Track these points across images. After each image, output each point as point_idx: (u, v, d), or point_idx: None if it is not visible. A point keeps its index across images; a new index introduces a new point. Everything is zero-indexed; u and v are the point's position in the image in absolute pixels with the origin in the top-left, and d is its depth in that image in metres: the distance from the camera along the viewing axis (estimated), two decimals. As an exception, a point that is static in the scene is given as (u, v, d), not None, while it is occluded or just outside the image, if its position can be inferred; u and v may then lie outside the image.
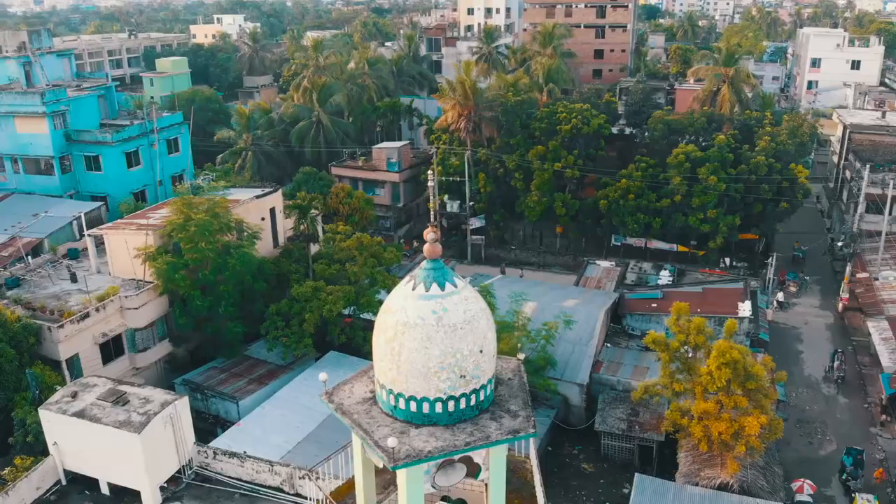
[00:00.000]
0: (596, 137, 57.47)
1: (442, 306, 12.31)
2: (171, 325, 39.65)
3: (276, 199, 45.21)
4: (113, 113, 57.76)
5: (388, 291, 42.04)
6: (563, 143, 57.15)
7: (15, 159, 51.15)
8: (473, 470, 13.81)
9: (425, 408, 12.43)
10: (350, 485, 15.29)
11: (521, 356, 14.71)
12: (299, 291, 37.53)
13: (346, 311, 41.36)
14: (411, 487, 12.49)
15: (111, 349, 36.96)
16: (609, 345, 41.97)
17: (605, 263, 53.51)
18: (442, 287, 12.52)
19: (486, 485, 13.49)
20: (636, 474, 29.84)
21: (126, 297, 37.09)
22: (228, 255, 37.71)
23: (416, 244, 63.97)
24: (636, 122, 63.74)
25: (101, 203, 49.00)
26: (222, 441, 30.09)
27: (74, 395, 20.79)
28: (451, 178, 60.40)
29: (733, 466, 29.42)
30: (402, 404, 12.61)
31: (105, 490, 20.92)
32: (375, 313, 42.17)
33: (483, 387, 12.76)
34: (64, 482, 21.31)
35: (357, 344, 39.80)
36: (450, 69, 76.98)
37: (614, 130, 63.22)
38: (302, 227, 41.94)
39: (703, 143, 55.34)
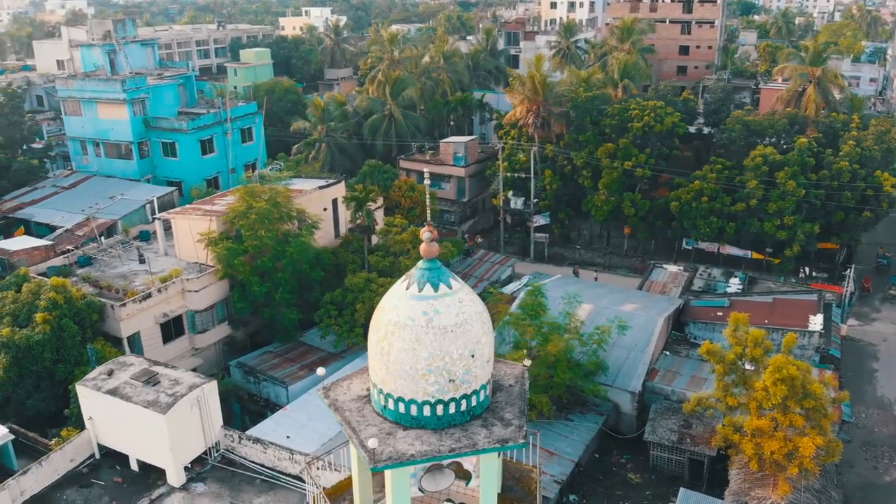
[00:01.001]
0: (669, 136, 55.49)
1: (433, 308, 12.00)
2: (230, 308, 40.70)
3: (339, 191, 45.73)
4: (192, 101, 59.86)
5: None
6: (634, 140, 55.49)
7: (97, 143, 53.73)
8: (468, 475, 13.46)
9: (413, 410, 12.17)
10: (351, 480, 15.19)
11: (527, 362, 14.21)
12: (352, 282, 37.88)
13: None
14: (397, 489, 12.26)
15: (171, 329, 38.25)
16: (668, 353, 40.46)
17: (672, 268, 51.62)
18: (435, 288, 12.21)
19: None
20: (681, 489, 28.66)
21: (188, 279, 38.30)
22: (287, 244, 38.45)
23: (479, 239, 63.67)
24: (714, 121, 61.19)
25: (174, 188, 50.88)
26: (268, 424, 30.66)
27: (110, 373, 21.60)
28: (516, 175, 59.63)
29: (785, 488, 27.77)
30: (391, 405, 12.40)
31: (134, 466, 21.70)
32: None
33: (475, 392, 12.37)
34: (98, 456, 22.24)
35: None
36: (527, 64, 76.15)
37: (691, 129, 60.94)
38: (358, 219, 42.24)
39: (784, 146, 52.53)
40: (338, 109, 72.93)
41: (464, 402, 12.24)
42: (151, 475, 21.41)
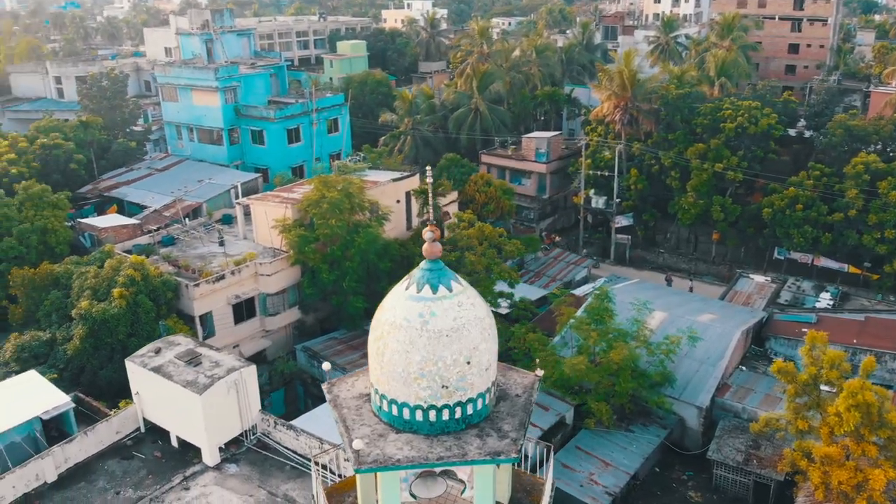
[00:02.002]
0: (765, 138, 52.45)
1: (430, 310, 11.64)
2: (301, 294, 41.60)
3: (412, 184, 45.82)
4: (283, 91, 61.58)
5: (509, 284, 41.14)
6: (727, 142, 52.81)
7: (191, 129, 56.16)
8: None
9: (405, 413, 11.88)
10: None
11: (540, 372, 13.61)
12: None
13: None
14: (386, 492, 12.05)
15: (243, 310, 39.44)
16: (743, 368, 38.34)
17: (759, 278, 48.88)
18: (434, 290, 11.84)
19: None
20: (741, 513, 27.08)
21: (261, 263, 39.39)
22: (356, 234, 38.91)
23: (557, 238, 62.46)
24: (817, 124, 57.40)
25: (259, 175, 52.51)
26: (321, 410, 31.09)
27: (158, 351, 22.45)
28: (599, 173, 58.03)
29: (854, 523, 25.72)
30: (385, 406, 12.16)
31: (174, 443, 22.48)
32: (493, 303, 41.60)
33: (471, 400, 11.92)
34: (143, 430, 23.17)
35: (470, 333, 39.63)
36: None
37: (791, 132, 57.41)
38: (425, 212, 42.15)
39: (890, 154, 48.60)
40: (425, 102, 73.30)
41: (458, 410, 11.82)
42: (189, 453, 22.09)
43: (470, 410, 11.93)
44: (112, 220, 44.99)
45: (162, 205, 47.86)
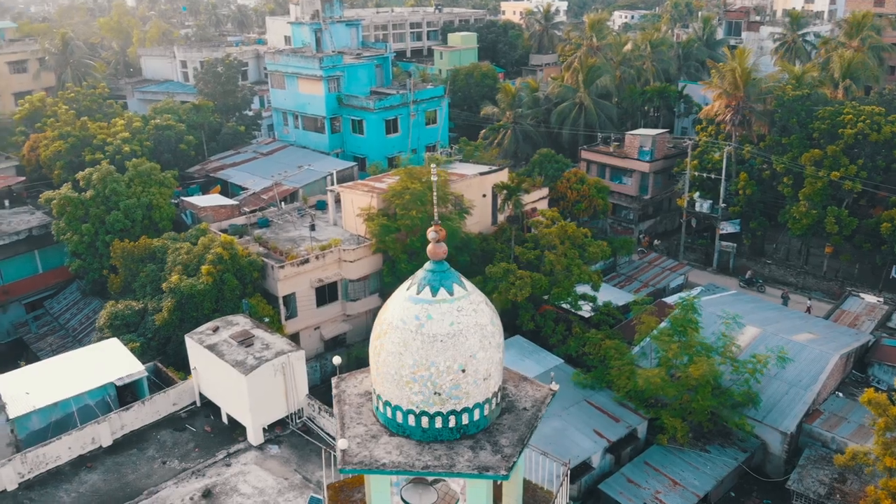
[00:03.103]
0: (888, 146, 48.07)
1: (427, 313, 11.28)
2: (382, 282, 42.14)
3: (500, 178, 45.29)
4: (387, 81, 62.42)
5: (592, 287, 39.89)
6: (845, 149, 48.81)
7: (296, 116, 57.98)
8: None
9: (398, 417, 11.61)
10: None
11: (555, 387, 12.94)
12: (491, 271, 37.48)
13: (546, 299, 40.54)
14: (376, 493, 11.83)
15: (326, 294, 40.45)
16: (840, 394, 35.38)
17: (870, 298, 44.95)
18: (434, 292, 11.46)
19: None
20: (813, 552, 25.02)
21: (344, 249, 40.19)
22: (436, 226, 38.86)
23: (656, 242, 60.03)
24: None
25: (355, 163, 53.54)
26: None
27: (215, 330, 23.26)
28: (706, 175, 55.17)
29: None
30: (381, 407, 11.95)
31: (224, 419, 23.23)
32: (574, 305, 40.41)
33: (467, 410, 11.48)
34: (198, 404, 24.09)
35: (545, 333, 38.82)
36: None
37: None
38: (507, 208, 41.56)
39: None
40: (529, 95, 72.32)
41: (452, 419, 11.41)
42: (237, 430, 22.77)
43: (465, 420, 11.48)
44: (213, 199, 47.17)
45: (261, 188, 49.69)
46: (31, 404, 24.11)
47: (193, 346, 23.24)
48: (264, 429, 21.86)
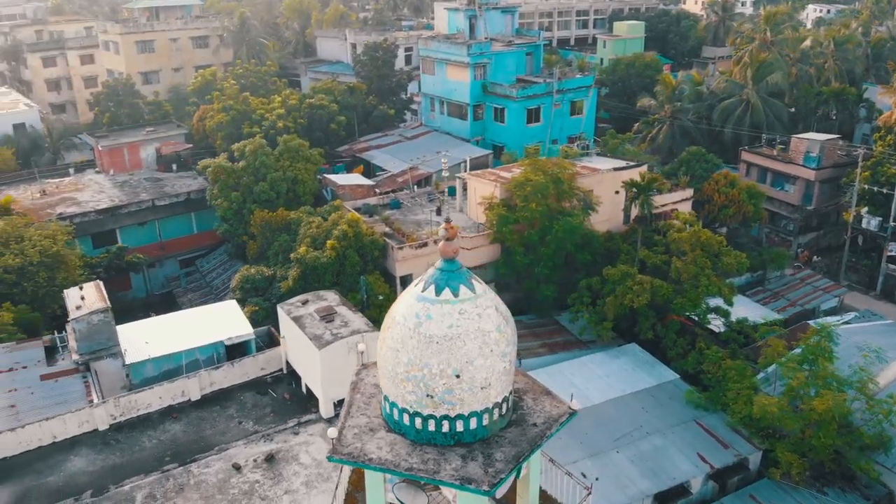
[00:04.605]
0: None
1: (427, 312, 10.97)
2: (498, 272, 41.82)
3: (636, 175, 43.21)
4: (537, 70, 61.49)
5: (724, 300, 37.35)
6: None
7: (442, 101, 58.68)
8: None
9: (395, 414, 11.43)
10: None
11: (577, 405, 12.15)
12: (609, 273, 35.94)
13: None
14: (370, 487, 11.79)
15: (442, 279, 40.78)
16: None
17: None
18: (438, 291, 11.12)
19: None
20: None
21: (462, 236, 40.26)
22: (556, 220, 37.95)
23: (816, 258, 54.72)
24: None
25: (489, 152, 53.43)
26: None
27: (304, 303, 24.13)
28: (878, 189, 49.42)
29: None
30: (383, 401, 11.84)
31: (304, 389, 24.10)
32: (703, 318, 38.00)
33: (462, 417, 11.06)
34: (284, 371, 25.17)
35: (665, 345, 36.68)
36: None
37: None
38: (634, 207, 39.54)
39: None
40: (691, 89, 68.37)
41: (445, 424, 11.01)
42: (311, 401, 23.56)
43: (459, 427, 11.03)
44: (352, 178, 49.06)
45: (399, 170, 50.94)
46: (148, 353, 26.45)
47: (283, 316, 24.38)
48: (335, 403, 22.50)
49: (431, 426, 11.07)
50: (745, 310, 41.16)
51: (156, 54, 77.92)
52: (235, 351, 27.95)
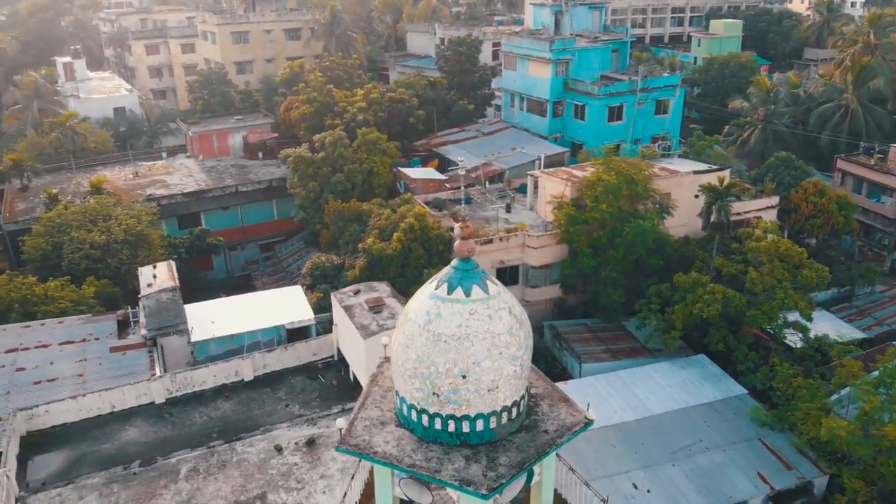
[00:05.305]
0: None
1: (438, 310, 10.97)
2: (564, 273, 41.22)
3: (718, 178, 41.59)
4: (623, 67, 60.04)
5: (802, 314, 35.73)
6: None
7: (522, 97, 58.22)
8: None
9: (404, 409, 11.51)
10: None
11: (591, 415, 11.91)
12: (679, 280, 34.81)
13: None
14: (379, 480, 11.95)
15: (506, 276, 40.53)
16: None
17: None
18: (450, 290, 11.10)
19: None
20: None
21: (528, 235, 39.95)
22: (627, 223, 37.08)
23: (909, 277, 51.17)
24: None
25: (565, 149, 52.61)
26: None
27: (356, 293, 24.52)
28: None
29: None
30: (395, 396, 11.93)
31: (351, 376, 24.47)
32: (779, 333, 36.33)
33: (468, 418, 11.02)
34: (335, 358, 25.64)
35: (736, 358, 35.18)
36: None
37: None
38: (710, 212, 38.03)
39: None
40: (787, 92, 65.23)
41: (451, 423, 10.98)
42: (358, 389, 23.91)
43: (465, 428, 10.96)
44: (425, 172, 49.40)
45: (472, 166, 50.87)
46: (212, 332, 27.57)
47: (335, 304, 24.89)
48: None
49: (438, 424, 11.07)
50: (828, 325, 39.12)
51: (250, 45, 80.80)
52: (297, 335, 28.76)
